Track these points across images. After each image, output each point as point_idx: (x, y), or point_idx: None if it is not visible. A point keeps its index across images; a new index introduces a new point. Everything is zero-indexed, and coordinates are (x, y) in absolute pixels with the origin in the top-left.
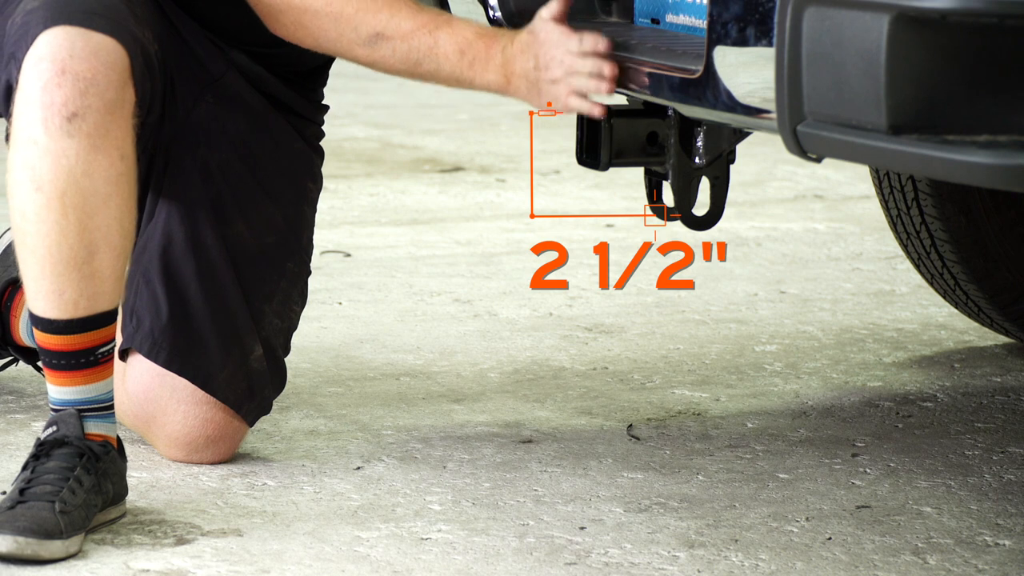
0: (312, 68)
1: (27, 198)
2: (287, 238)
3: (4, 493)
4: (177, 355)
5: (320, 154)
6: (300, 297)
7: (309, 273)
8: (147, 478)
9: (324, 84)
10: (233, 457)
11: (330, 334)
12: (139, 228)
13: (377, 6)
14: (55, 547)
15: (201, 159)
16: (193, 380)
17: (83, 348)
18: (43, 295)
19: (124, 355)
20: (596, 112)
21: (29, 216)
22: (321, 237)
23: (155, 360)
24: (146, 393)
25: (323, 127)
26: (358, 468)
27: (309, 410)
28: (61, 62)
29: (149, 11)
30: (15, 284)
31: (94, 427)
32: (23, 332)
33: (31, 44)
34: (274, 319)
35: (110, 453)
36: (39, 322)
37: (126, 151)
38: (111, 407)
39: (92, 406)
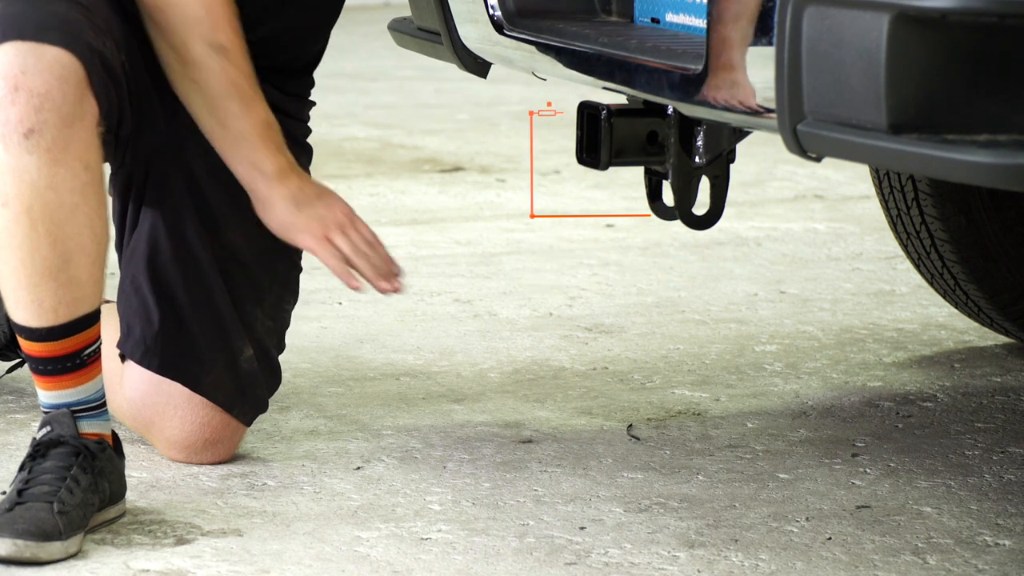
0: (296, 68)
1: None
2: (277, 240)
3: (3, 493)
4: (169, 361)
5: (307, 151)
6: (292, 296)
7: (300, 270)
8: (147, 478)
9: (311, 85)
10: (233, 457)
11: (330, 334)
12: (124, 236)
13: (235, 25)
14: (54, 548)
15: (186, 168)
16: (182, 382)
17: (68, 352)
18: (22, 305)
19: (123, 358)
20: (353, 284)
21: None
22: None
23: (148, 367)
24: (143, 399)
25: (309, 123)
26: (358, 468)
27: (309, 410)
28: (14, 79)
29: (115, 21)
30: None
31: (88, 426)
32: None
33: None
34: (266, 321)
35: (106, 451)
36: (21, 331)
37: (90, 161)
38: (103, 405)
39: (84, 406)
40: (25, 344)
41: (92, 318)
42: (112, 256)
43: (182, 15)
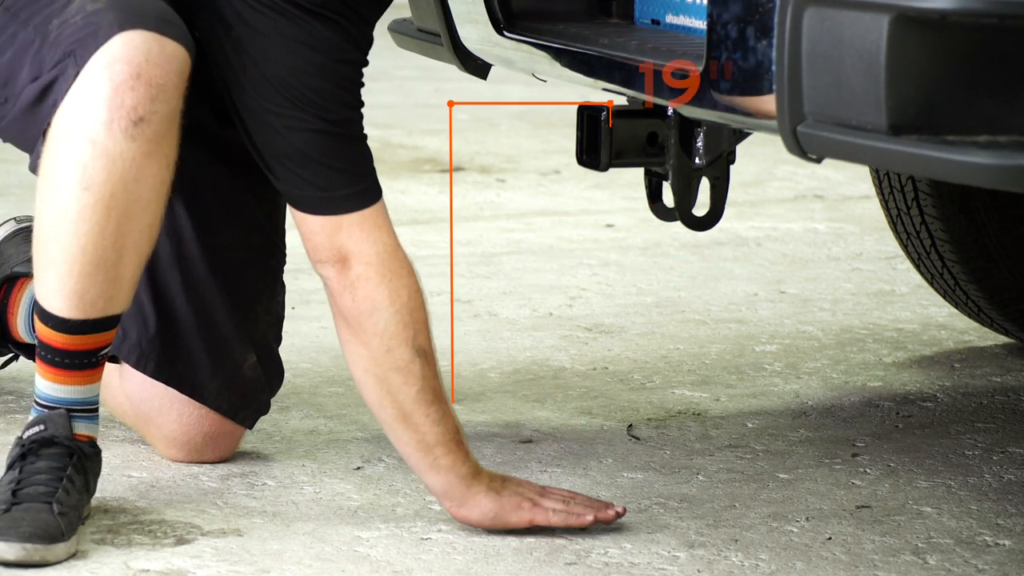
0: None
1: (72, 196)
2: (269, 236)
3: None
4: (165, 365)
5: None
6: (282, 288)
7: (285, 260)
8: (147, 478)
9: None
10: (233, 457)
11: (330, 334)
12: None
13: (431, 328)
14: (60, 550)
15: (188, 173)
16: (181, 390)
17: (88, 349)
18: (64, 294)
19: (115, 360)
20: (584, 521)
21: (70, 214)
22: None
23: (143, 371)
24: (140, 393)
25: None
26: (358, 468)
27: (309, 410)
28: (137, 66)
29: None
30: (11, 280)
31: (83, 428)
32: (22, 329)
33: (101, 44)
34: (265, 316)
35: (99, 454)
36: (51, 319)
37: (172, 160)
38: (97, 409)
39: (82, 407)
40: (48, 334)
41: (118, 320)
42: None
43: (393, 321)
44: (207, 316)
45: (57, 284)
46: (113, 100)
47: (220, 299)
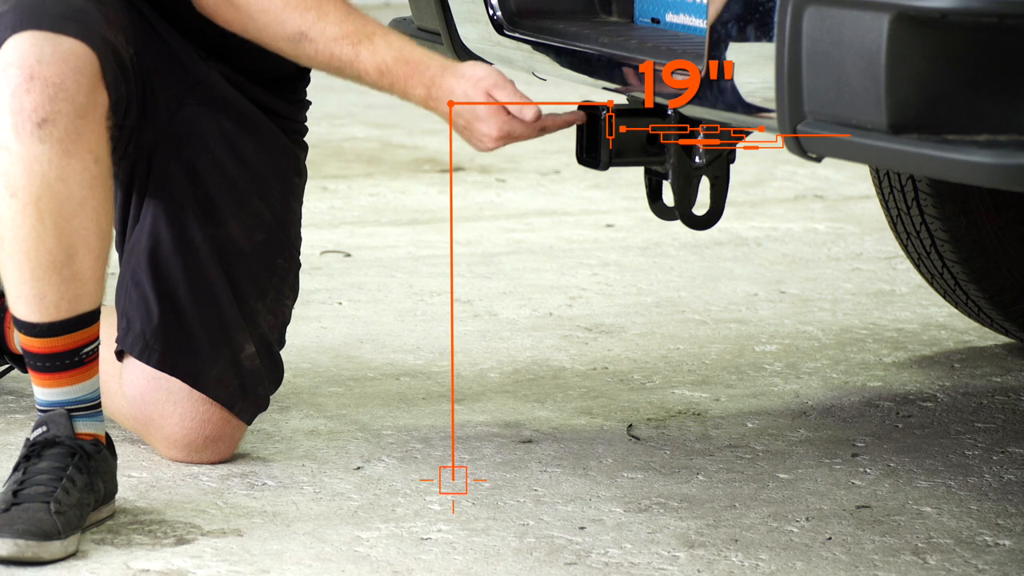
0: (292, 73)
1: (2, 204)
2: (276, 234)
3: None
4: (169, 356)
5: (304, 148)
6: (291, 291)
7: (299, 266)
8: (147, 478)
9: (307, 84)
10: (233, 457)
11: (330, 334)
12: (126, 231)
13: (305, 5)
14: (54, 548)
15: (187, 161)
16: (183, 378)
17: (67, 350)
18: (24, 300)
19: (120, 356)
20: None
21: (5, 222)
22: (321, 237)
23: (147, 362)
24: (143, 396)
25: (306, 123)
26: (358, 468)
27: (309, 410)
28: (29, 68)
29: (124, 14)
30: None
31: (84, 426)
32: (17, 341)
33: None
34: (268, 315)
35: (101, 452)
36: (22, 326)
37: (100, 154)
38: (99, 406)
39: (80, 406)
40: (25, 340)
41: (93, 316)
42: (112, 255)
43: (253, 27)
44: (208, 300)
45: (16, 292)
46: (12, 105)
47: (221, 285)
